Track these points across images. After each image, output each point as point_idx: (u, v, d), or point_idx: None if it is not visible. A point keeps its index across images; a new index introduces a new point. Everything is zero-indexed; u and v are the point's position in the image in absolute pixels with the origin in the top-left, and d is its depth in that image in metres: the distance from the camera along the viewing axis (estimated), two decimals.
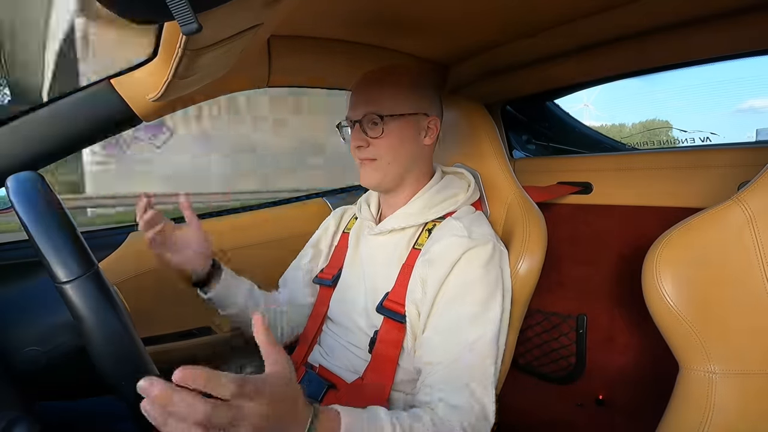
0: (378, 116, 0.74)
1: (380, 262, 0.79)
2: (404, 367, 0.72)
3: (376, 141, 0.76)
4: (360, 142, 0.76)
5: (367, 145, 0.76)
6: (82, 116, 0.73)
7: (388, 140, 0.75)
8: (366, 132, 0.76)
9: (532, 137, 1.29)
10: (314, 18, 0.82)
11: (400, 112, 0.76)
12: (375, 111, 0.75)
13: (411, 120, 0.77)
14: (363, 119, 0.76)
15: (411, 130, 0.77)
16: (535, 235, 0.79)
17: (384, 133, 0.75)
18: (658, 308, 0.58)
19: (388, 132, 0.75)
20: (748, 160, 0.81)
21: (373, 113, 0.75)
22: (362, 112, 0.76)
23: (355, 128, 0.77)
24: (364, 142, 0.76)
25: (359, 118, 0.76)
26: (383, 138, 0.75)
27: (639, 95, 1.14)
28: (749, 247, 0.54)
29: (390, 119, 0.75)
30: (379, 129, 0.75)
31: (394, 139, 0.76)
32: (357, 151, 0.77)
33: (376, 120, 0.75)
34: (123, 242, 1.02)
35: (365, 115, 0.75)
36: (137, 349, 0.42)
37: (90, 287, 0.40)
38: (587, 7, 0.78)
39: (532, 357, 1.08)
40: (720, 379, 0.54)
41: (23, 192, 0.45)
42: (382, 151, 0.76)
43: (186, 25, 0.31)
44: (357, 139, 0.76)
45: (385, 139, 0.75)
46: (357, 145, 0.76)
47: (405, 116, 0.76)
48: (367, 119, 0.75)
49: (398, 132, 0.76)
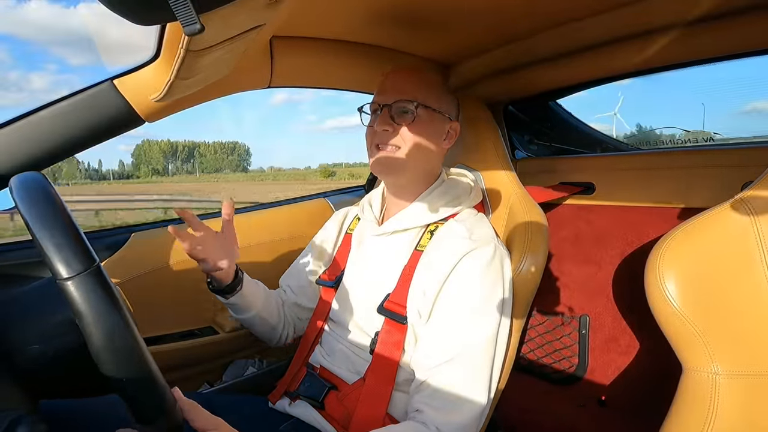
0: (412, 103, 0.74)
1: (382, 263, 0.79)
2: (405, 368, 0.72)
3: (403, 129, 0.75)
4: (386, 126, 0.75)
5: (392, 131, 0.75)
6: (85, 116, 0.73)
7: (415, 130, 0.75)
8: (393, 118, 0.75)
9: (534, 137, 1.29)
10: (316, 18, 0.82)
11: (432, 106, 0.76)
12: (410, 98, 0.74)
13: (438, 119, 0.77)
14: (394, 104, 0.75)
15: (436, 128, 0.77)
16: (538, 235, 0.78)
17: (414, 122, 0.74)
18: (661, 309, 0.58)
19: (418, 122, 0.75)
20: (751, 160, 0.81)
21: (407, 100, 0.74)
22: (394, 98, 0.75)
23: (383, 112, 0.76)
24: (391, 126, 0.75)
25: (390, 103, 0.75)
26: (412, 126, 0.75)
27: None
28: (753, 247, 0.54)
29: (423, 110, 0.75)
30: (409, 117, 0.74)
31: (422, 131, 0.75)
32: (380, 136, 0.76)
33: (408, 107, 0.74)
34: (125, 243, 1.02)
35: (397, 101, 0.75)
36: (138, 346, 0.42)
37: (91, 284, 0.40)
38: (589, 7, 0.78)
39: (535, 357, 1.08)
40: (724, 380, 0.54)
41: (26, 192, 0.45)
42: (407, 140, 0.75)
43: (188, 26, 0.31)
44: (384, 123, 0.75)
45: (413, 129, 0.75)
46: (383, 128, 0.75)
47: (435, 112, 0.77)
48: (399, 105, 0.75)
49: (426, 125, 0.76)
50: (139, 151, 65.95)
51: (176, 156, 60.68)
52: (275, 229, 1.22)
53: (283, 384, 0.84)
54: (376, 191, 0.91)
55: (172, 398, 0.47)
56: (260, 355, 1.20)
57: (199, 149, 65.98)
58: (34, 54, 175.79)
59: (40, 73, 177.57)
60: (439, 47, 1.00)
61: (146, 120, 0.80)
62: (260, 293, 0.88)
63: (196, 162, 58.10)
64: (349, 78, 1.03)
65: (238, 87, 0.92)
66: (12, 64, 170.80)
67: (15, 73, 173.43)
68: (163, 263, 1.06)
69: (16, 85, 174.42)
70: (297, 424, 0.76)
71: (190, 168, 55.20)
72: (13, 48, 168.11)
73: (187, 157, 59.86)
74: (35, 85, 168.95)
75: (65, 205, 0.45)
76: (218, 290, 0.82)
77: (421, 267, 0.73)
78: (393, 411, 0.71)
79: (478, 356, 0.67)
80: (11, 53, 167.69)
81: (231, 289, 0.82)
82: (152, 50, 0.66)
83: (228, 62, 0.71)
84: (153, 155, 61.29)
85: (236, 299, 0.83)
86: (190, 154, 61.49)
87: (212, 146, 74.43)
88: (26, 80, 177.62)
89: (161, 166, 54.82)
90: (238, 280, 0.82)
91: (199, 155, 62.34)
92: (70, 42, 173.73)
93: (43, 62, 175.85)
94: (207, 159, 64.47)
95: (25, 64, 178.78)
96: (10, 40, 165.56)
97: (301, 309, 0.93)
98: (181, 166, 54.16)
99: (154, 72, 0.69)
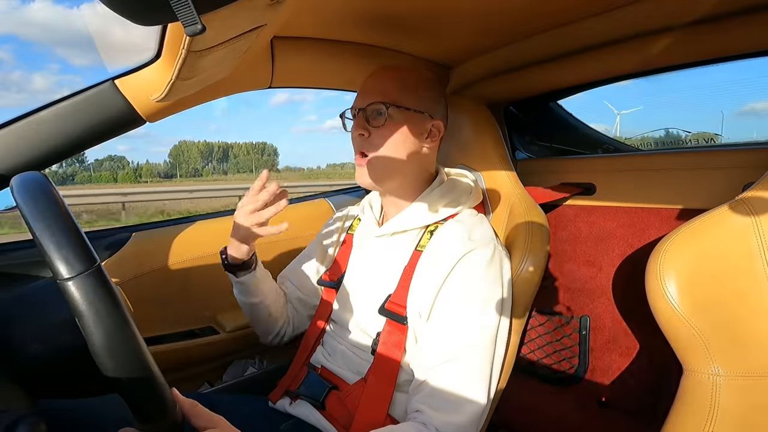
0: (383, 105, 0.73)
1: (383, 263, 0.79)
2: (407, 369, 0.72)
3: (378, 132, 0.74)
4: (361, 130, 0.75)
5: (368, 135, 0.75)
6: (86, 116, 0.73)
7: (389, 132, 0.74)
8: (368, 121, 0.75)
9: (534, 138, 1.28)
10: (317, 19, 0.82)
11: (405, 105, 0.75)
12: (380, 100, 0.74)
13: (415, 117, 0.76)
14: (367, 108, 0.75)
15: (414, 128, 0.76)
16: (538, 236, 0.78)
17: (386, 123, 0.74)
18: (662, 310, 0.58)
19: (391, 124, 0.74)
20: (752, 161, 0.81)
21: (378, 102, 0.74)
22: (367, 101, 0.75)
23: (358, 116, 0.76)
24: (365, 130, 0.75)
25: (364, 107, 0.75)
26: (385, 128, 0.74)
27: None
28: (754, 249, 0.54)
29: (395, 110, 0.74)
30: (382, 119, 0.74)
31: (396, 132, 0.74)
32: (357, 141, 0.76)
33: (381, 109, 0.74)
34: (126, 242, 1.03)
35: (370, 104, 0.75)
36: (138, 346, 0.42)
37: (91, 284, 0.40)
38: (590, 8, 0.78)
39: (535, 358, 1.07)
40: (724, 382, 0.54)
41: (27, 192, 0.45)
42: (382, 143, 0.74)
43: (189, 26, 0.31)
44: (358, 127, 0.75)
45: (387, 130, 0.74)
46: (358, 132, 0.75)
47: (410, 111, 0.75)
48: (372, 108, 0.75)
49: (400, 126, 0.75)
50: (177, 152, 66.48)
51: (212, 156, 61.27)
52: None
53: (283, 383, 0.84)
54: (375, 192, 0.91)
55: (172, 398, 0.47)
56: (260, 355, 1.20)
57: (233, 149, 66.62)
58: (37, 55, 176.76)
59: (42, 73, 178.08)
60: (439, 48, 1.00)
61: (147, 120, 0.80)
62: (270, 282, 0.89)
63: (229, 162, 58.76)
64: (350, 78, 1.03)
65: (239, 87, 0.92)
66: (15, 64, 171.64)
67: (17, 73, 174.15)
68: (163, 263, 1.06)
69: (17, 86, 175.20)
70: (297, 424, 0.76)
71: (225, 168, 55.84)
72: (16, 48, 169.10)
73: (222, 157, 60.58)
74: (37, 86, 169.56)
75: (66, 205, 0.45)
76: (232, 266, 0.83)
77: (421, 267, 0.73)
78: (394, 412, 0.71)
79: (478, 356, 0.67)
80: (14, 53, 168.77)
81: (247, 266, 0.83)
82: (153, 50, 0.66)
83: (229, 63, 0.72)
84: (191, 155, 61.88)
85: (248, 278, 0.84)
86: (225, 154, 62.12)
87: (244, 146, 75.13)
88: (28, 81, 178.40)
89: (199, 165, 55.56)
90: (254, 258, 0.84)
91: (233, 155, 62.98)
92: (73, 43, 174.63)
93: (46, 62, 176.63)
94: (240, 159, 65.04)
95: (28, 64, 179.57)
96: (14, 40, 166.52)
97: (303, 305, 0.94)
98: (217, 165, 55.06)
99: (155, 72, 0.69)
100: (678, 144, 1.06)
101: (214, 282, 1.11)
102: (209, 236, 1.13)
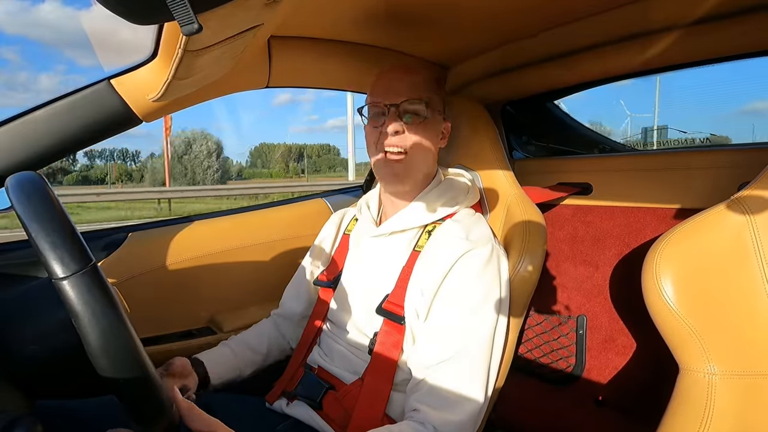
0: (422, 103, 0.69)
1: (380, 263, 0.79)
2: (404, 368, 0.72)
3: (413, 130, 0.70)
4: (397, 128, 0.70)
5: (402, 133, 0.71)
6: (82, 116, 0.73)
7: (424, 133, 0.71)
8: (402, 119, 0.70)
9: (531, 138, 1.29)
10: (314, 19, 0.82)
11: (438, 108, 0.73)
12: (419, 97, 0.69)
13: (439, 119, 0.75)
14: (402, 104, 0.70)
15: (438, 127, 0.75)
16: (535, 235, 0.79)
17: (423, 123, 0.71)
18: (658, 309, 0.58)
19: (427, 124, 0.71)
20: (747, 160, 0.81)
21: (417, 99, 0.69)
22: (402, 97, 0.70)
23: (391, 113, 0.71)
24: (402, 128, 0.70)
25: (398, 103, 0.70)
26: (420, 128, 0.70)
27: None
28: (749, 248, 0.54)
29: (432, 112, 0.71)
30: (420, 118, 0.70)
31: (431, 133, 0.72)
32: (391, 139, 0.71)
33: (419, 108, 0.69)
34: (123, 242, 1.02)
35: (405, 101, 0.70)
36: (135, 346, 0.42)
37: (87, 283, 0.40)
38: (588, 8, 0.78)
39: (532, 357, 1.08)
40: (720, 380, 0.54)
41: (23, 192, 0.45)
42: (415, 142, 0.71)
43: (186, 26, 0.31)
44: (395, 125, 0.70)
45: (421, 130, 0.71)
46: (395, 130, 0.70)
47: (439, 113, 0.74)
48: (409, 107, 0.70)
49: (432, 127, 0.73)
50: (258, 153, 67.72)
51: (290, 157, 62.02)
52: (273, 229, 1.22)
53: (280, 384, 0.84)
54: (373, 192, 0.91)
55: (169, 399, 0.47)
56: None
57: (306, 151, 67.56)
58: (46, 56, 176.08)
59: (48, 74, 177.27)
60: (437, 48, 1.00)
61: (144, 120, 0.79)
62: (232, 360, 0.85)
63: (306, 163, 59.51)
64: (347, 78, 1.03)
65: (236, 87, 0.92)
66: (22, 65, 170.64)
67: (24, 74, 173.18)
68: (160, 263, 1.05)
69: (23, 86, 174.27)
70: (294, 425, 0.76)
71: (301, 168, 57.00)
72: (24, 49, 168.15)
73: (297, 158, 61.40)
74: (42, 86, 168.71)
75: (61, 204, 0.45)
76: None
77: (419, 267, 0.73)
78: (391, 411, 0.71)
79: (476, 355, 0.67)
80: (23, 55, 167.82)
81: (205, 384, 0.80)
82: (150, 50, 0.66)
83: (226, 62, 0.71)
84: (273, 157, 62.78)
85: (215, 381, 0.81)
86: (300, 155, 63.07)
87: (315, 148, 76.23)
88: (34, 81, 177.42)
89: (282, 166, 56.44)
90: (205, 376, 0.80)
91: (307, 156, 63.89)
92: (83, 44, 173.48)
93: (53, 63, 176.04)
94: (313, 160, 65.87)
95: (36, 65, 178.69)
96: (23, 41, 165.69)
97: (300, 321, 0.94)
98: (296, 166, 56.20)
99: (152, 72, 0.69)
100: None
101: (212, 282, 1.10)
102: (206, 236, 1.13)
